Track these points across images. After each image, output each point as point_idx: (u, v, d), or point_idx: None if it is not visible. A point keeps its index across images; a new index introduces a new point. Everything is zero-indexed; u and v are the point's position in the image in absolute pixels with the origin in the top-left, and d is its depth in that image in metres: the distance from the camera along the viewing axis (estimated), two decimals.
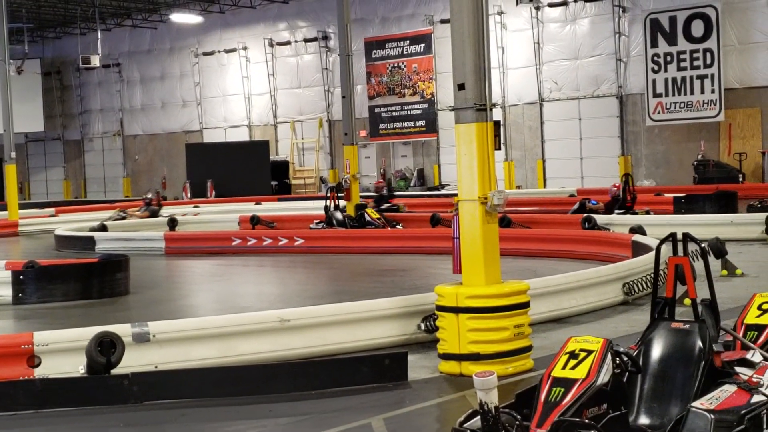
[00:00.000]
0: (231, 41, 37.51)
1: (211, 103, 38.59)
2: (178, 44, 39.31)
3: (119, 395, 7.32)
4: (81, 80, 43.40)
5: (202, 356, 8.22)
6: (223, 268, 17.10)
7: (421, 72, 32.15)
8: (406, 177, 32.92)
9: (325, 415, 6.94)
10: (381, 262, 16.36)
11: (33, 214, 29.50)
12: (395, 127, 32.96)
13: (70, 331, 8.36)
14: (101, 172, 43.29)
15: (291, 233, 18.96)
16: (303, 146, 36.27)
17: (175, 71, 39.63)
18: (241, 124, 37.65)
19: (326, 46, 34.86)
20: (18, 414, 7.12)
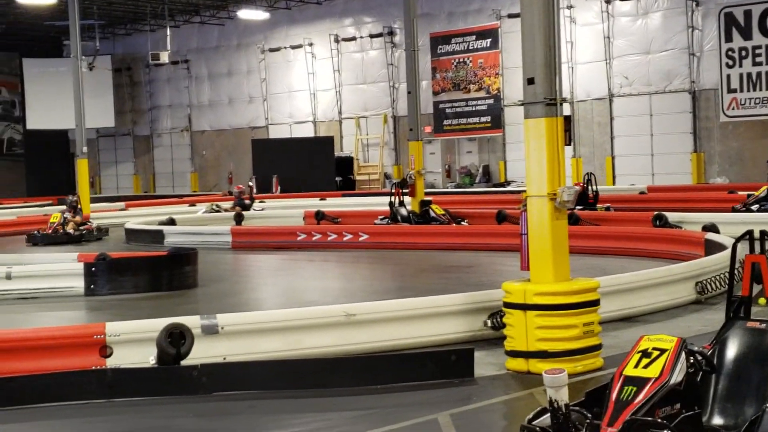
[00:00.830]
0: (297, 37, 37.69)
1: (277, 99, 38.82)
2: (245, 41, 39.62)
3: (189, 386, 7.40)
4: (150, 76, 43.98)
5: (269, 349, 8.27)
6: (288, 262, 17.21)
7: (487, 67, 31.96)
8: (471, 173, 32.77)
9: (390, 409, 6.93)
10: (446, 258, 16.31)
11: (104, 208, 30.00)
12: (460, 123, 32.82)
13: (141, 322, 8.49)
14: (170, 167, 43.84)
15: (355, 229, 19.00)
16: (367, 142, 36.32)
17: (242, 67, 39.96)
18: (307, 120, 37.83)
19: (392, 42, 34.84)
20: (90, 403, 7.24)
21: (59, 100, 39.79)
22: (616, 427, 4.82)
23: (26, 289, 13.09)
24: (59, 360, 7.78)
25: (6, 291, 13.03)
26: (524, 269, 8.01)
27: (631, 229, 16.54)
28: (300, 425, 6.64)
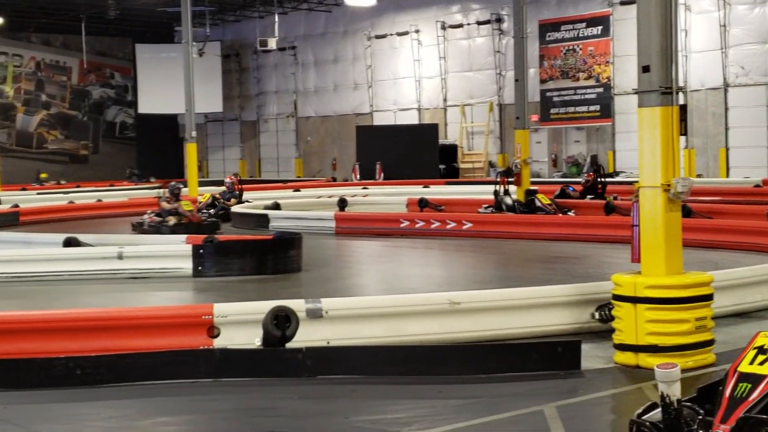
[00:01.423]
0: (403, 24, 37.65)
1: (382, 86, 38.89)
2: (352, 27, 39.78)
3: (293, 368, 7.46)
4: (258, 62, 44.55)
5: (372, 335, 8.29)
6: (390, 249, 17.23)
7: (597, 55, 31.38)
8: (578, 163, 32.28)
9: (495, 399, 6.86)
10: (551, 248, 16.09)
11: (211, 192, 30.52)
12: (568, 112, 32.34)
13: (247, 304, 8.60)
14: (275, 153, 44.38)
15: (459, 217, 18.89)
16: (472, 130, 36.09)
17: (348, 54, 40.14)
18: (411, 108, 37.79)
19: (499, 29, 34.51)
20: (198, 382, 7.36)
21: (170, 85, 40.66)
22: (730, 424, 4.70)
23: (136, 269, 13.41)
24: (168, 339, 7.94)
25: (118, 270, 13.37)
26: (635, 261, 7.83)
27: (745, 223, 16.01)
28: (403, 411, 6.62)
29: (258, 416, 6.62)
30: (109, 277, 13.27)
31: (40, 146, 44.73)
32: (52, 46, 45.45)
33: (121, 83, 47.79)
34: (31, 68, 44.89)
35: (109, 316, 8.32)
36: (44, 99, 45.15)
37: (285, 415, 6.65)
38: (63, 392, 7.14)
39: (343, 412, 6.62)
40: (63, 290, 12.59)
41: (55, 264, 13.57)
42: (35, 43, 44.88)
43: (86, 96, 46.58)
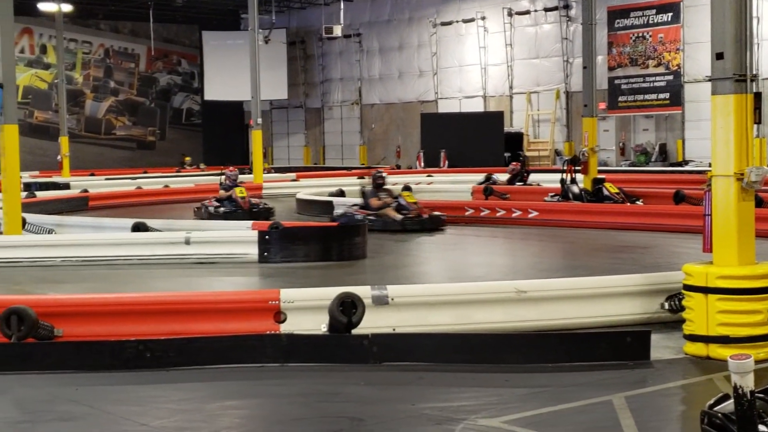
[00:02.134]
0: (469, 11, 37.43)
1: (447, 73, 38.74)
2: (417, 14, 39.66)
3: (359, 355, 7.48)
4: (323, 50, 44.68)
5: (438, 322, 8.27)
6: (455, 237, 17.16)
7: (667, 42, 30.87)
8: (646, 152, 31.81)
9: (563, 388, 6.80)
10: (619, 238, 15.90)
11: (276, 179, 30.80)
12: (636, 100, 31.88)
13: (313, 290, 8.64)
14: (339, 140, 44.52)
15: (525, 205, 18.76)
16: (538, 118, 35.82)
17: (413, 41, 40.05)
18: (476, 95, 37.59)
19: (567, 16, 34.13)
20: (265, 366, 7.42)
21: (236, 72, 41.03)
22: None
23: (203, 254, 13.55)
24: (235, 323, 8.03)
25: (185, 255, 13.53)
26: (706, 251, 7.71)
27: None
28: (469, 399, 6.60)
29: (324, 401, 6.65)
30: (176, 262, 13.43)
31: (109, 132, 45.46)
32: (121, 33, 46.11)
33: (187, 70, 48.32)
34: (100, 55, 45.59)
35: (178, 300, 8.43)
36: (112, 86, 45.84)
37: (351, 400, 6.67)
38: (133, 374, 7.25)
39: (409, 399, 6.62)
40: (132, 274, 12.78)
41: (123, 249, 13.78)
42: (104, 30, 45.56)
43: (153, 83, 47.20)
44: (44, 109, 42.98)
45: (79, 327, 7.87)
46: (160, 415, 6.36)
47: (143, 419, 6.21)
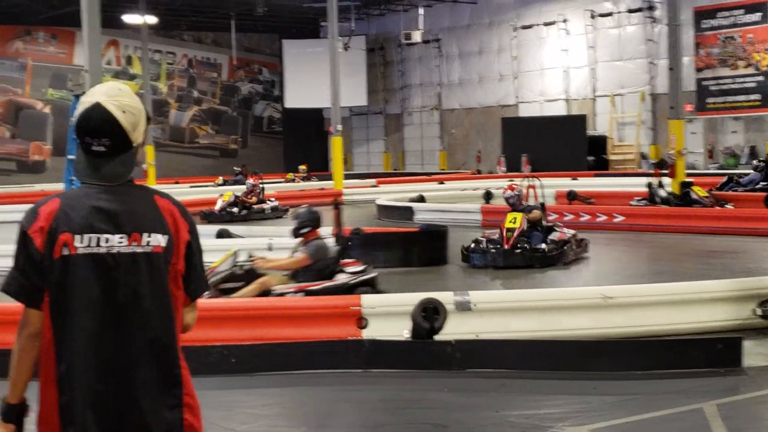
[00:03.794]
0: (550, 14, 37.08)
1: (528, 77, 38.42)
2: (497, 18, 39.44)
3: (442, 361, 7.41)
4: (402, 56, 44.72)
5: (522, 328, 8.14)
6: None
7: (756, 42, 30.12)
8: (735, 154, 31.08)
9: (652, 396, 6.63)
10: (708, 242, 15.53)
11: (356, 184, 30.88)
12: (725, 102, 31.14)
13: (395, 296, 8.60)
14: (419, 145, 44.48)
15: (610, 210, 18.45)
16: (623, 121, 35.25)
17: (493, 45, 39.82)
18: (558, 98, 37.20)
19: (651, 17, 33.55)
20: (348, 372, 7.39)
21: (316, 79, 41.28)
22: None
23: None
24: (318, 329, 8.01)
25: None
26: None
27: None
28: (556, 407, 6.47)
29: (408, 407, 6.59)
30: None
31: (192, 141, 46.15)
32: (203, 43, 46.80)
33: (268, 78, 48.82)
34: (184, 65, 46.33)
35: (262, 305, 8.45)
36: (196, 95, 46.55)
37: (435, 407, 6.60)
38: (218, 379, 7.28)
39: (494, 406, 6.52)
40: None
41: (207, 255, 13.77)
42: (187, 41, 46.29)
43: (235, 91, 47.79)
44: None
45: None
46: (245, 420, 6.38)
47: (229, 424, 6.23)
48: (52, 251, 2.69)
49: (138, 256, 2.74)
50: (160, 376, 2.74)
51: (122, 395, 2.70)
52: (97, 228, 2.71)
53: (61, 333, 2.70)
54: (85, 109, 2.77)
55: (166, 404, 2.74)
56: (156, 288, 2.76)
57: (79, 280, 2.69)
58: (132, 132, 2.78)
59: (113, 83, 2.89)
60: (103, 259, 2.71)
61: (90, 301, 2.69)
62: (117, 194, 2.77)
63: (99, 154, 2.76)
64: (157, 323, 2.75)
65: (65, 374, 2.68)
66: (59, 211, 2.72)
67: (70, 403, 2.67)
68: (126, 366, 2.71)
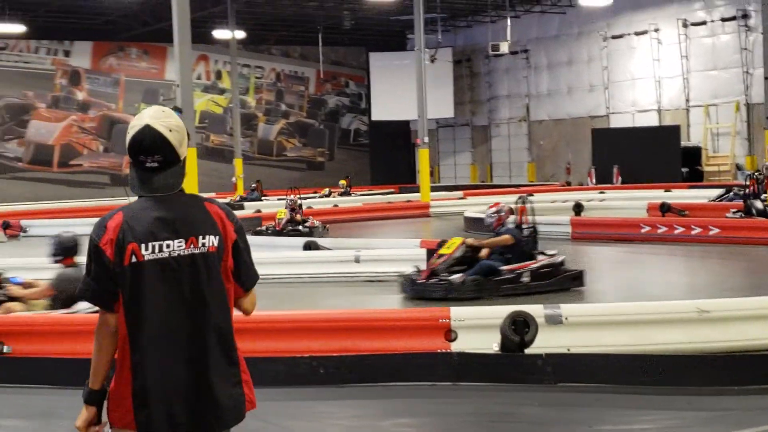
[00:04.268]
0: (642, 23, 36.48)
1: (619, 87, 37.87)
2: (587, 28, 39.00)
3: (533, 375, 7.28)
4: (489, 67, 44.53)
5: (614, 342, 7.94)
6: (630, 255, 16.67)
7: None
8: None
9: (750, 412, 6.45)
10: None
11: (443, 197, 30.80)
12: None
13: (484, 309, 8.50)
14: (506, 157, 44.19)
15: (705, 222, 17.99)
16: (717, 131, 34.46)
17: (583, 56, 39.38)
18: (650, 109, 36.55)
19: (746, 25, 32.73)
20: (436, 385, 7.32)
21: (402, 91, 41.42)
22: None
23: (373, 272, 13.59)
24: (406, 341, 7.95)
25: (355, 273, 13.62)
26: None
27: None
28: (650, 422, 6.31)
29: (498, 421, 6.49)
30: (346, 279, 13.54)
31: (280, 154, 46.65)
32: (291, 57, 47.31)
33: (355, 91, 49.11)
34: (272, 79, 46.89)
35: (350, 317, 8.43)
36: (283, 108, 47.06)
37: (526, 421, 6.49)
38: (307, 390, 7.29)
39: (586, 421, 6.38)
40: (304, 292, 12.95)
41: (296, 267, 14.00)
42: (275, 55, 46.85)
43: (322, 105, 48.18)
44: (219, 132, 44.49)
45: (253, 343, 7.98)
46: (334, 431, 6.35)
47: None
48: (122, 260, 3.08)
49: (196, 257, 3.13)
50: (223, 359, 3.17)
51: (198, 378, 3.11)
52: (158, 236, 3.10)
53: (135, 329, 3.09)
54: (137, 131, 3.13)
55: (230, 382, 3.18)
56: (213, 283, 3.17)
57: (148, 283, 3.08)
58: (179, 148, 3.16)
59: (157, 107, 3.24)
60: (166, 262, 3.10)
61: (159, 300, 3.09)
62: (172, 203, 3.16)
63: (153, 170, 3.14)
64: (218, 313, 3.17)
65: (139, 365, 3.09)
66: (124, 224, 3.10)
67: (143, 389, 3.08)
68: (199, 353, 3.13)
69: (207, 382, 3.13)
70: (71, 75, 41.31)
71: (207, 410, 3.13)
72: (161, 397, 3.09)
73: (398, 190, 38.15)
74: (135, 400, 3.09)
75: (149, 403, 3.08)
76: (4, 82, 39.48)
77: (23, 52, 40.23)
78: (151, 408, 3.08)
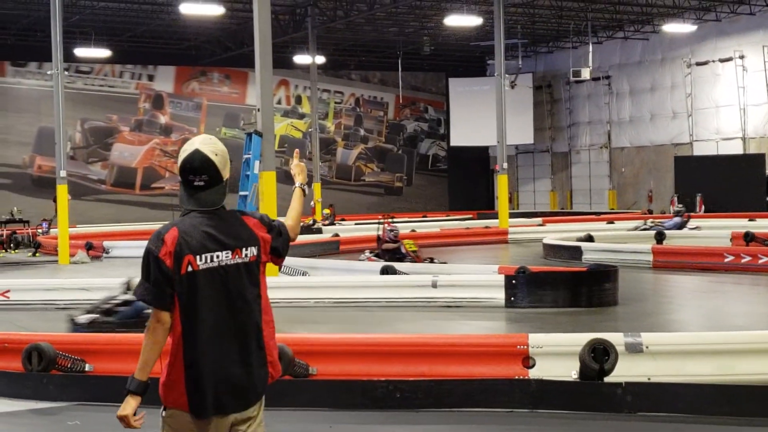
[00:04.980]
0: (726, 50, 35.87)
1: (703, 114, 37.24)
2: (670, 54, 38.50)
3: (612, 403, 7.17)
4: (570, 93, 44.24)
5: (696, 372, 7.79)
6: (713, 284, 16.34)
7: None
8: None
9: None
10: None
11: (521, 223, 30.60)
12: None
13: (563, 336, 8.42)
14: (587, 184, 43.75)
15: None
16: None
17: (666, 82, 38.85)
18: (735, 137, 35.83)
19: None
20: (514, 411, 7.25)
21: (481, 117, 41.39)
22: None
23: (450, 297, 13.55)
24: (483, 367, 7.91)
25: (432, 299, 13.60)
26: None
27: None
28: None
29: None
30: (423, 304, 13.52)
31: (358, 179, 46.87)
32: (371, 82, 47.60)
33: (434, 117, 49.19)
34: (351, 104, 47.23)
35: (428, 342, 8.42)
36: (362, 133, 47.32)
37: None
38: (383, 414, 7.28)
39: None
40: (381, 316, 12.96)
41: (373, 291, 14.03)
42: (355, 80, 47.20)
43: (401, 130, 48.34)
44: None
45: (331, 366, 8.02)
46: None
47: None
48: (180, 268, 3.60)
49: (240, 266, 3.72)
50: (257, 347, 3.73)
51: (242, 366, 3.67)
52: (210, 248, 3.66)
53: (189, 327, 3.62)
54: (188, 154, 3.73)
55: (259, 364, 3.74)
56: (253, 286, 3.76)
57: (202, 288, 3.62)
58: (222, 170, 3.76)
59: (205, 135, 3.82)
60: (217, 271, 3.66)
61: (211, 303, 3.64)
62: (217, 219, 3.73)
63: (199, 188, 3.72)
64: (256, 311, 3.76)
65: (194, 356, 3.61)
66: (180, 238, 3.63)
67: (200, 377, 3.60)
68: (243, 347, 3.69)
69: (248, 367, 3.69)
70: (154, 99, 42.18)
71: (247, 390, 3.70)
72: (212, 384, 3.60)
73: (476, 216, 38.00)
74: (188, 385, 3.59)
75: (202, 389, 3.59)
76: (89, 105, 40.45)
77: (108, 77, 41.19)
78: (204, 393, 3.59)
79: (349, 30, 38.94)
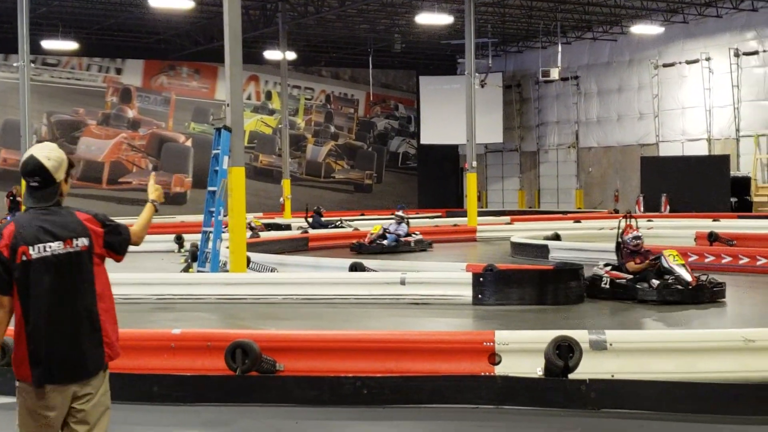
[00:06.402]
0: (693, 52, 36.26)
1: (669, 115, 37.62)
2: (638, 56, 38.85)
3: (576, 400, 7.27)
4: (539, 93, 44.51)
5: (659, 370, 7.89)
6: None
7: None
8: None
9: None
10: None
11: (490, 221, 30.75)
12: None
13: (529, 333, 8.50)
14: (555, 183, 44.06)
15: (753, 252, 17.81)
16: (767, 162, 34.11)
17: (633, 83, 39.21)
18: (700, 138, 36.25)
19: None
20: (480, 408, 7.33)
21: (451, 116, 41.55)
22: None
23: (418, 295, 13.60)
24: (450, 364, 7.97)
25: (400, 296, 13.65)
26: None
27: None
28: None
29: None
30: (391, 301, 13.56)
31: (328, 176, 46.89)
32: (341, 79, 47.62)
33: (404, 115, 49.29)
34: (321, 101, 47.20)
35: (395, 338, 8.47)
36: (332, 130, 47.33)
37: None
38: (350, 410, 7.33)
39: None
40: (349, 313, 12.99)
41: (341, 288, 14.06)
42: (326, 77, 47.19)
43: (371, 127, 48.39)
44: (268, 153, 44.83)
45: (299, 362, 8.06)
46: None
47: None
48: (15, 258, 4.09)
49: (72, 255, 4.18)
50: (90, 328, 4.20)
51: (71, 344, 4.16)
52: (43, 239, 4.13)
53: (26, 309, 4.12)
54: (24, 159, 4.27)
55: (93, 344, 4.21)
56: (85, 273, 4.22)
57: (35, 275, 4.11)
58: (55, 173, 4.24)
59: (45, 143, 4.38)
60: (50, 259, 4.13)
61: (44, 288, 4.12)
62: (51, 214, 4.21)
63: (35, 188, 4.23)
64: (88, 296, 4.21)
65: (31, 334, 4.12)
66: (15, 231, 4.13)
67: (35, 351, 4.11)
68: (73, 326, 4.16)
69: (78, 346, 4.17)
70: (122, 93, 41.92)
71: (77, 366, 4.17)
72: (45, 358, 4.11)
73: (445, 214, 38.14)
74: (30, 360, 4.12)
75: (37, 362, 4.11)
76: (55, 98, 40.13)
77: (75, 69, 40.88)
78: (38, 365, 4.11)
79: (320, 26, 38.94)
